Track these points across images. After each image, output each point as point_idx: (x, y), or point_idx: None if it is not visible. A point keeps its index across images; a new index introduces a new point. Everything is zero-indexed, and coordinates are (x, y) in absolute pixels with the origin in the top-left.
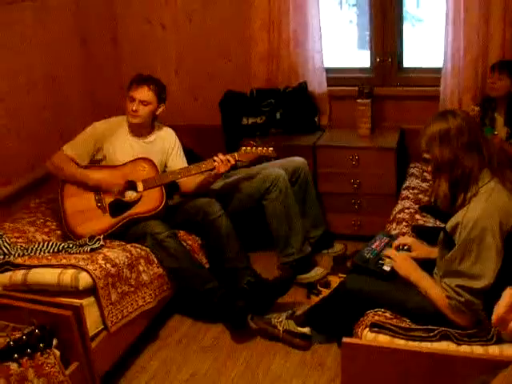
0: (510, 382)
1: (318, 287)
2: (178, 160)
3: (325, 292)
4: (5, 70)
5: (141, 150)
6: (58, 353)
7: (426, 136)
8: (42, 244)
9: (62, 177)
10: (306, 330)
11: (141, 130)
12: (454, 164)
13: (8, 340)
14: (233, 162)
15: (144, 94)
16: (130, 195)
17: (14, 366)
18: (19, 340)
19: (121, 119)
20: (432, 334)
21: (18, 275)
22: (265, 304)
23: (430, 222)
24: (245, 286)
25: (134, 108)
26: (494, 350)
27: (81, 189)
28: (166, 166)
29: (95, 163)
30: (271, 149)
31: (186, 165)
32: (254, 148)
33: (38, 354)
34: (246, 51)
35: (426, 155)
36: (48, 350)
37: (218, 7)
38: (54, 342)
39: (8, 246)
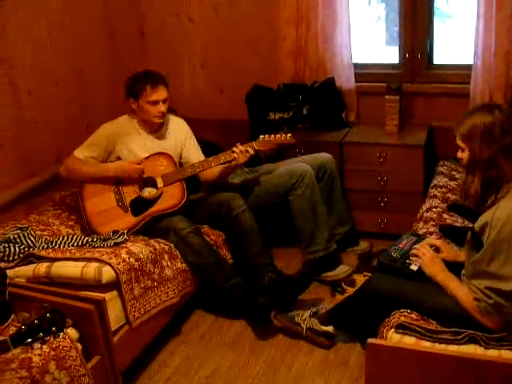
0: None
1: (343, 285)
2: (193, 151)
3: (349, 290)
4: (33, 62)
5: (155, 146)
6: (74, 336)
7: (466, 125)
8: (66, 237)
9: (80, 177)
10: (330, 328)
11: (152, 125)
12: (492, 164)
13: (19, 325)
14: (252, 151)
15: (163, 92)
16: (150, 192)
17: (35, 358)
18: (31, 325)
19: (129, 118)
20: (459, 336)
21: (42, 268)
22: (286, 301)
23: (458, 221)
24: (266, 282)
25: (162, 110)
26: None
27: (100, 188)
28: (181, 158)
29: None
30: (289, 135)
31: (201, 153)
32: (273, 136)
33: (51, 337)
34: (274, 45)
35: (460, 143)
36: (61, 333)
37: (246, 1)
38: (75, 334)
39: (33, 239)
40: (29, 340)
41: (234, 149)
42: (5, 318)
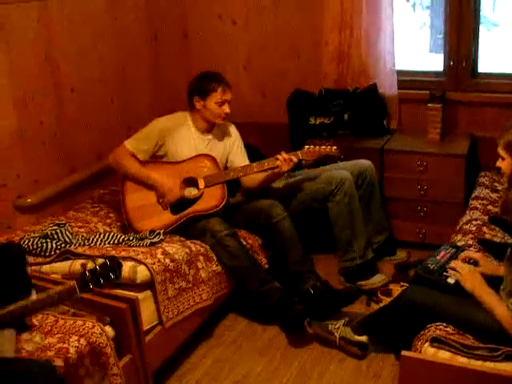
0: None
1: (379, 295)
2: (239, 155)
3: (385, 300)
4: (77, 61)
5: (203, 146)
6: (110, 333)
7: (506, 139)
8: (103, 235)
9: (123, 173)
10: (363, 338)
11: (207, 126)
12: None
13: (83, 270)
14: (296, 160)
15: (230, 94)
16: (191, 192)
17: (72, 349)
18: (94, 271)
19: (183, 115)
20: (496, 353)
21: (78, 265)
22: (327, 311)
23: (498, 235)
24: (310, 289)
25: (228, 111)
26: None
27: (142, 184)
28: (227, 161)
29: (157, 159)
30: (335, 147)
31: (247, 159)
32: (318, 147)
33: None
34: (317, 50)
35: (502, 153)
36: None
37: (290, 4)
38: (111, 332)
39: (70, 235)
40: (91, 286)
41: (278, 156)
42: (26, 292)
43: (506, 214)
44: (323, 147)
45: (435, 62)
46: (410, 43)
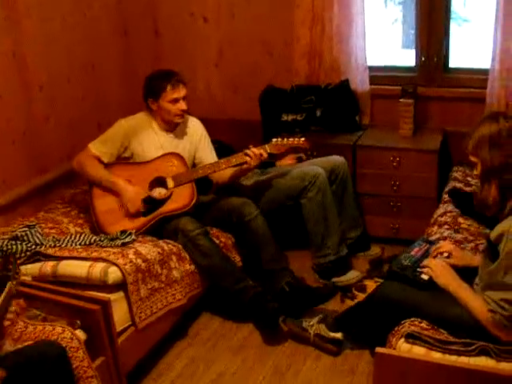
0: None
1: (353, 291)
2: (207, 152)
3: (360, 296)
4: (45, 58)
5: (170, 145)
6: (82, 337)
7: (474, 138)
8: (74, 236)
9: (87, 178)
10: (338, 335)
11: (171, 125)
12: (506, 169)
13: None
14: (265, 155)
15: (183, 90)
16: (160, 192)
17: None
18: None
19: (145, 115)
20: (470, 348)
21: (48, 266)
22: (302, 308)
23: (474, 225)
24: (285, 286)
25: (183, 108)
26: None
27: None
28: (195, 158)
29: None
30: (303, 139)
31: (215, 155)
32: (286, 139)
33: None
34: (288, 47)
35: (473, 158)
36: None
37: (261, 1)
38: (83, 336)
39: (40, 237)
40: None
41: (247, 151)
42: None
43: (480, 211)
44: (291, 139)
45: (407, 58)
46: (383, 39)
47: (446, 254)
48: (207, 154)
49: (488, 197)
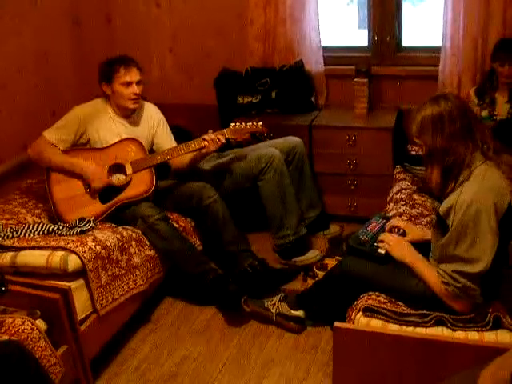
0: (504, 368)
1: (315, 270)
2: (165, 137)
3: (321, 275)
4: None
5: (127, 131)
6: (42, 327)
7: (417, 121)
8: (31, 226)
9: (46, 164)
10: (300, 313)
11: (128, 111)
12: (447, 151)
13: None
14: (223, 140)
15: (137, 74)
16: (119, 178)
17: None
18: None
19: (101, 101)
20: (426, 319)
21: (7, 257)
22: (265, 289)
23: (429, 201)
24: (247, 267)
25: (136, 91)
26: (489, 337)
27: (68, 174)
28: (153, 144)
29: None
30: (261, 123)
31: (173, 140)
32: (244, 124)
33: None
34: (242, 29)
35: (417, 141)
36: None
37: None
38: (43, 325)
39: None
40: None
41: (205, 136)
42: None
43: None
44: (249, 124)
45: (364, 38)
46: (340, 20)
47: (401, 231)
48: (165, 140)
49: (431, 178)
